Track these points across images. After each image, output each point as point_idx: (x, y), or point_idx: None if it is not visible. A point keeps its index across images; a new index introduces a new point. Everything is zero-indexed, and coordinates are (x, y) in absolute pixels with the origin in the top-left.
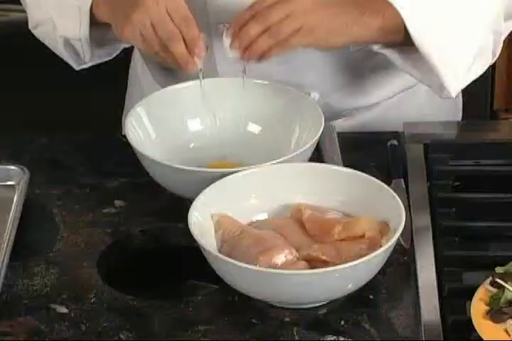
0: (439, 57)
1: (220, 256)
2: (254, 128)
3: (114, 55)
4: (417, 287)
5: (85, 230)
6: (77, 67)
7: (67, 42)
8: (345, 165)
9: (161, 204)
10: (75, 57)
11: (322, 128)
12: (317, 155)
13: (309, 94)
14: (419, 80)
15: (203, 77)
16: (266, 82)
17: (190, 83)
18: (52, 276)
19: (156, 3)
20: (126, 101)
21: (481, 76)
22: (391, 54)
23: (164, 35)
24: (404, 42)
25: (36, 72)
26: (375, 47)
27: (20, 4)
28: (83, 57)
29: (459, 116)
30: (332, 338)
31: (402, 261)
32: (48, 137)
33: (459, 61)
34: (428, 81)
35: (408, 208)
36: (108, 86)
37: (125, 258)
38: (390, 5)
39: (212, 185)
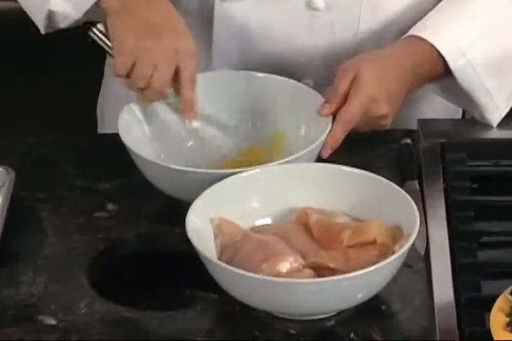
0: (482, 92)
1: (220, 263)
2: (257, 125)
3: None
4: (432, 297)
5: (75, 235)
6: (44, 32)
7: (50, 12)
8: (356, 166)
9: (156, 207)
10: (47, 23)
11: (331, 124)
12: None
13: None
14: (459, 106)
15: None
16: (267, 76)
17: None
18: (39, 285)
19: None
20: (100, 98)
21: None
22: (433, 89)
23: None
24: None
25: (25, 71)
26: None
27: None
28: (57, 25)
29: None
30: None
31: (416, 269)
32: (36, 136)
33: (500, 93)
34: (471, 110)
35: (423, 212)
36: (99, 85)
37: (118, 266)
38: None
39: (211, 187)
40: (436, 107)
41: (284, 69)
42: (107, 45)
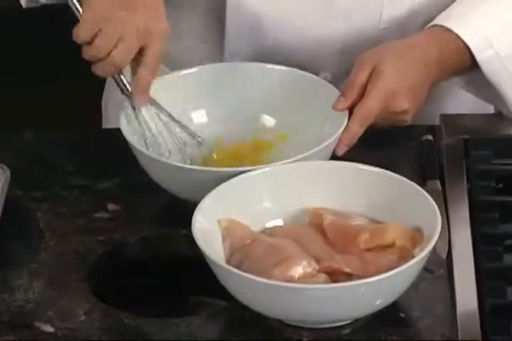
0: (509, 85)
1: (229, 267)
2: (267, 120)
3: None
4: (454, 303)
5: (74, 238)
6: (25, 6)
7: None
8: (373, 164)
9: (160, 208)
10: None
11: (347, 118)
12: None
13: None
14: (485, 101)
15: None
16: (280, 68)
17: (195, 69)
18: (36, 290)
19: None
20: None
21: None
22: (458, 82)
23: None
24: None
25: (26, 69)
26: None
27: None
28: None
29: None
30: None
31: (437, 274)
32: (33, 132)
33: None
34: (498, 105)
35: (445, 213)
36: (99, 82)
37: (119, 270)
38: (461, 41)
39: (219, 187)
40: (461, 104)
41: (299, 61)
42: (78, 11)
